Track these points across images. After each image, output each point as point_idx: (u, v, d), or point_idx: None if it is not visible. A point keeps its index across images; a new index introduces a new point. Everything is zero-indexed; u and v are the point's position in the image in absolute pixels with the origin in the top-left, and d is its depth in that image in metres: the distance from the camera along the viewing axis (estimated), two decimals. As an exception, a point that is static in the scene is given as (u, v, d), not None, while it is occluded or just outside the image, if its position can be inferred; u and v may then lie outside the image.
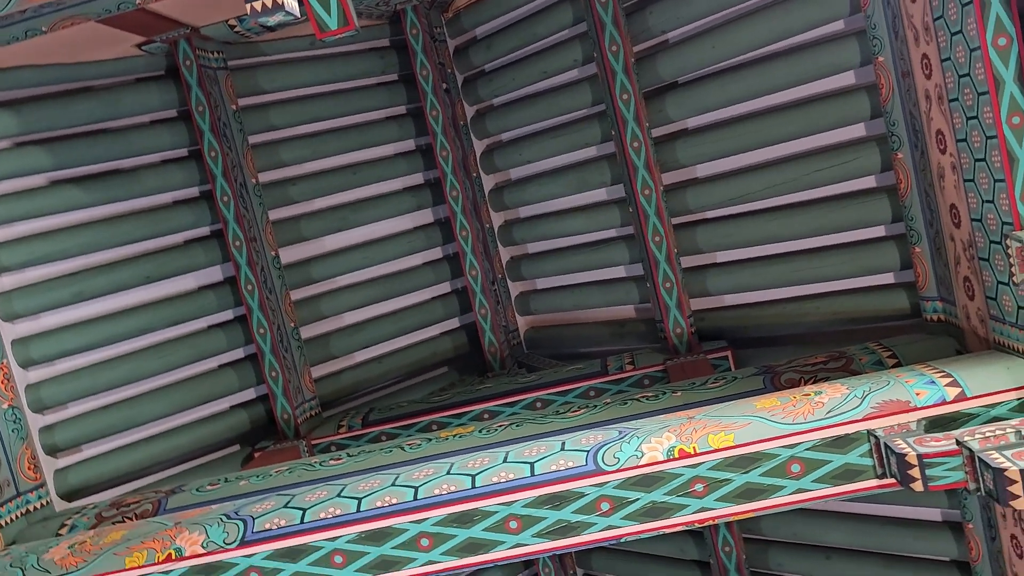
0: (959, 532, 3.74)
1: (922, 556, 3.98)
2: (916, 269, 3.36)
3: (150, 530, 3.01)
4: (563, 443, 2.81)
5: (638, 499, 2.65)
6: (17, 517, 3.72)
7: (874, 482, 2.57)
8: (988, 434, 2.30)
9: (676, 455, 2.63)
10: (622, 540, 2.76)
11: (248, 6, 2.35)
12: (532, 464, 2.75)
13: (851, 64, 3.71)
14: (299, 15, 2.42)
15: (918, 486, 2.36)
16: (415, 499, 2.77)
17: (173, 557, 2.87)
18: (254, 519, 2.89)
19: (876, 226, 3.85)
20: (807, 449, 2.57)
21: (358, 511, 2.80)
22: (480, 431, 3.45)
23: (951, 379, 2.60)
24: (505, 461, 2.80)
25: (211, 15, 4.29)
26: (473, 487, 2.75)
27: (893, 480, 2.50)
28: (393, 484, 2.86)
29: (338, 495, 2.89)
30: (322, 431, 4.55)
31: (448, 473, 2.83)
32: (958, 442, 2.31)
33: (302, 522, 2.83)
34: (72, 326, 4.28)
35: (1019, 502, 2.10)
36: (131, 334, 4.42)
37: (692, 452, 2.62)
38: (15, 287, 4.17)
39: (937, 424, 2.54)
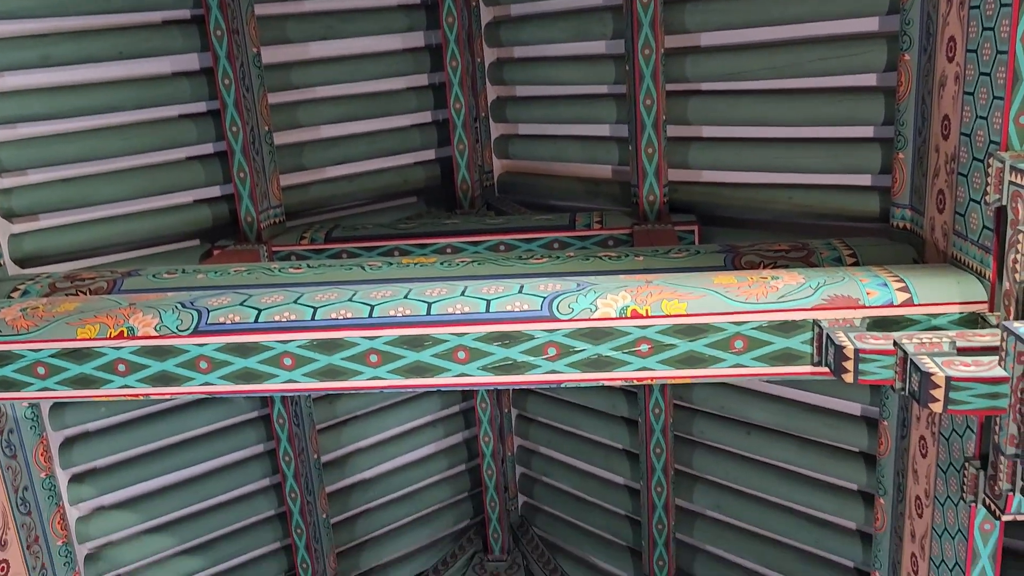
0: (873, 427, 3.98)
1: (835, 444, 4.23)
2: (895, 174, 3.37)
3: (104, 306, 3.04)
4: (521, 286, 2.87)
5: (584, 350, 2.75)
6: (-31, 274, 3.72)
7: (809, 368, 2.70)
8: (925, 340, 2.41)
9: (628, 314, 2.71)
10: (561, 386, 2.88)
11: None
12: (488, 301, 2.82)
13: (880, -49, 3.57)
14: None
15: (849, 378, 2.48)
16: (370, 316, 2.83)
17: (125, 335, 2.92)
18: (209, 311, 2.93)
19: (865, 126, 3.83)
20: (753, 328, 2.67)
21: (312, 319, 2.86)
22: (441, 263, 3.48)
23: (903, 284, 2.68)
24: (462, 295, 2.86)
25: None
26: (428, 314, 2.81)
27: (827, 369, 2.63)
28: (350, 300, 2.91)
29: (294, 302, 2.94)
30: (284, 240, 4.55)
31: (405, 297, 2.88)
32: (895, 343, 2.42)
33: (256, 321, 2.89)
34: (36, 90, 4.11)
35: (937, 405, 2.23)
36: (97, 110, 4.26)
37: (644, 314, 2.70)
38: (-24, 41, 3.96)
39: (880, 324, 2.65)
